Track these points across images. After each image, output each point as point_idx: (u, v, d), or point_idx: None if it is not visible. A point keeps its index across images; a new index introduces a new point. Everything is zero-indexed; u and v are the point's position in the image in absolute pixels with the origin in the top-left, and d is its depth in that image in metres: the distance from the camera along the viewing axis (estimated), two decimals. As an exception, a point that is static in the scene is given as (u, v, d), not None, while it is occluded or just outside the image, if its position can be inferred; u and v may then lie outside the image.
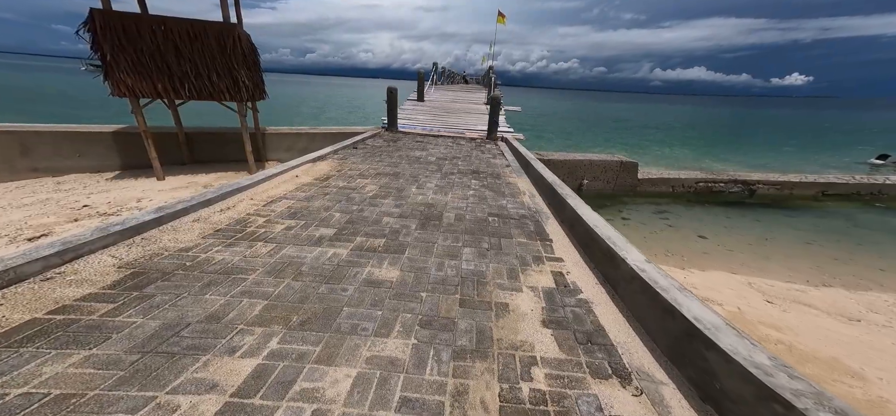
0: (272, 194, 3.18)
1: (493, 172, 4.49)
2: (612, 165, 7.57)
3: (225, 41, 5.33)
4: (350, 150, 5.28)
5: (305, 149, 6.40)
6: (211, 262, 2.09)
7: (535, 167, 4.24)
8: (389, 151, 5.47)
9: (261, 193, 3.18)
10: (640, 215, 6.67)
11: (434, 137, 7.18)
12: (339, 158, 4.75)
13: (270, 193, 3.21)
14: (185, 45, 5.19)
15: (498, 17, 20.44)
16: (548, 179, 3.60)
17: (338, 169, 4.19)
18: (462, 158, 5.30)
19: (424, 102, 12.31)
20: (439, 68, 19.10)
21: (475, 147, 6.36)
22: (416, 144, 6.16)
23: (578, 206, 2.80)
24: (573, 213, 2.78)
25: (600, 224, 2.38)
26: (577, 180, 7.75)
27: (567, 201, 2.94)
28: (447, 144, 6.46)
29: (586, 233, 2.46)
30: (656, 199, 7.72)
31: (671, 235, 5.46)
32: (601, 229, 2.31)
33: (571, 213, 2.82)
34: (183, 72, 5.25)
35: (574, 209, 2.77)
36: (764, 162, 15.55)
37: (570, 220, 2.85)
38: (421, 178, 4.06)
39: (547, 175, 3.79)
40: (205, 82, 5.36)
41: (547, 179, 3.60)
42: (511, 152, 6.05)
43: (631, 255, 1.94)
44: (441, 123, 8.62)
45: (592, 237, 2.36)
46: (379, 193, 3.45)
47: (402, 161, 4.79)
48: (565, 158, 7.58)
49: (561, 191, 3.21)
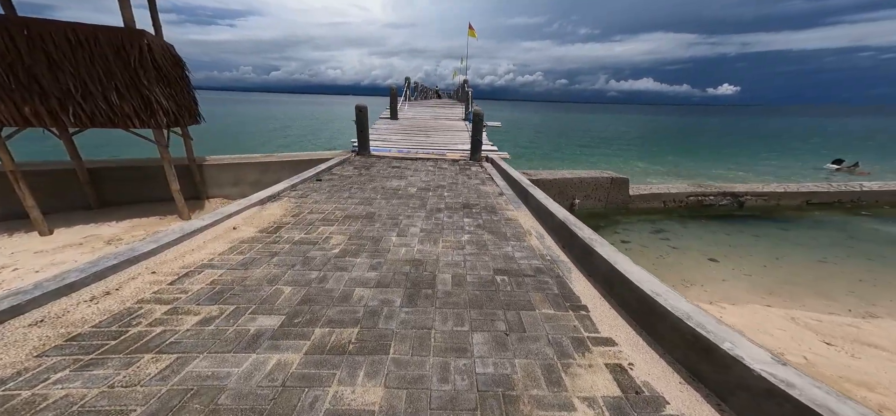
0: (189, 262, 2.30)
1: (487, 205, 3.85)
2: (602, 183, 7.25)
3: (127, 52, 4.19)
4: (312, 183, 4.44)
5: (257, 183, 5.45)
6: (36, 409, 1.23)
7: (536, 196, 3.65)
8: (361, 181, 4.69)
9: (171, 261, 2.28)
10: (639, 236, 6.31)
11: (412, 160, 6.49)
12: (297, 195, 3.91)
13: (187, 260, 2.33)
14: (64, 56, 3.99)
15: (469, 30, 20.49)
16: (558, 215, 3.00)
17: (294, 212, 3.35)
18: (447, 186, 4.64)
19: (398, 120, 11.65)
20: (412, 83, 18.63)
21: (459, 170, 5.74)
22: (393, 171, 5.43)
23: (613, 256, 2.19)
24: (608, 267, 2.17)
25: (662, 291, 1.77)
26: (568, 200, 7.35)
27: (595, 249, 2.32)
28: (428, 168, 5.79)
29: (640, 300, 1.84)
30: (649, 215, 7.47)
31: (679, 259, 5.08)
32: (667, 299, 1.69)
33: (605, 266, 2.21)
34: (63, 90, 4.05)
35: (609, 261, 2.16)
36: (729, 173, 16.28)
37: (604, 275, 2.23)
38: (402, 219, 3.32)
39: (554, 208, 3.19)
40: (99, 104, 4.14)
41: (557, 216, 2.99)
42: (500, 175, 5.48)
43: (743, 347, 1.32)
44: (419, 144, 7.97)
45: (652, 308, 1.74)
46: (348, 248, 2.67)
47: (377, 196, 4.03)
48: (555, 176, 7.16)
49: (580, 232, 2.60)
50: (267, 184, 5.48)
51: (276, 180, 5.45)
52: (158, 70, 4.25)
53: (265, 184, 5.46)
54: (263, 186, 5.44)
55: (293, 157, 5.84)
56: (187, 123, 4.83)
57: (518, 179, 4.55)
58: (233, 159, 5.74)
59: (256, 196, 3.44)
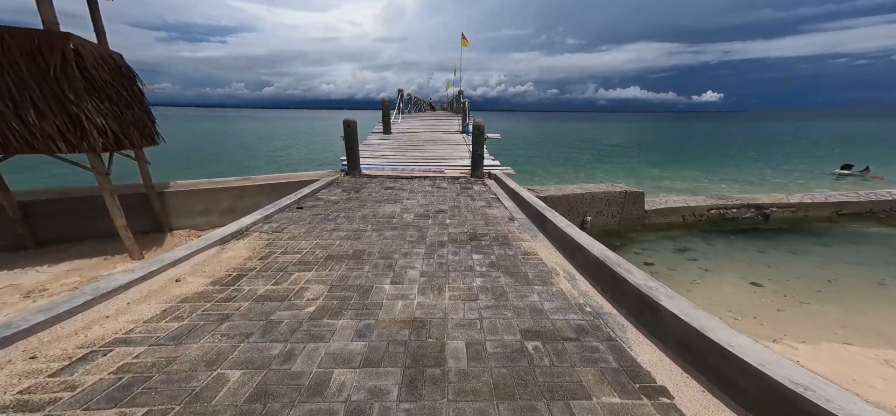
0: (95, 336, 1.68)
1: (498, 235, 3.29)
2: (615, 197, 6.77)
3: (46, 59, 3.46)
4: (291, 212, 3.86)
5: (230, 211, 4.86)
6: None
7: (556, 223, 3.10)
8: (349, 208, 4.12)
9: (68, 337, 1.66)
10: (663, 256, 5.79)
11: (408, 179, 5.95)
12: (270, 229, 3.32)
13: (92, 333, 1.71)
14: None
15: (462, 40, 20.41)
16: (591, 249, 2.45)
17: (263, 254, 2.76)
18: (449, 210, 4.09)
19: (392, 134, 11.19)
20: (405, 96, 18.31)
21: (460, 190, 5.20)
22: (386, 193, 4.88)
23: (691, 314, 1.64)
24: (684, 327, 1.61)
25: (802, 378, 1.21)
26: (579, 217, 6.84)
27: (661, 304, 1.77)
28: (425, 189, 5.24)
29: (753, 379, 1.28)
30: (667, 231, 6.98)
31: (716, 284, 4.55)
32: (813, 387, 1.14)
33: (678, 326, 1.65)
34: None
35: (687, 322, 1.60)
36: (732, 178, 16.03)
37: (678, 338, 1.67)
38: (397, 258, 2.75)
39: (585, 240, 2.64)
40: (11, 125, 3.37)
41: (590, 251, 2.44)
42: (506, 195, 4.96)
43: None
44: (414, 160, 7.46)
45: (779, 393, 1.18)
46: (328, 305, 2.09)
47: (368, 227, 3.46)
48: (563, 192, 6.67)
49: (631, 277, 2.05)
50: (242, 211, 4.88)
51: (253, 207, 4.87)
52: (91, 81, 3.61)
53: (240, 212, 4.86)
54: (238, 213, 4.84)
55: (273, 180, 5.26)
56: (141, 144, 4.19)
57: (530, 200, 4.02)
58: (201, 184, 5.02)
59: (216, 234, 2.84)
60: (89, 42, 3.78)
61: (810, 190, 9.00)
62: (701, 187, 13.61)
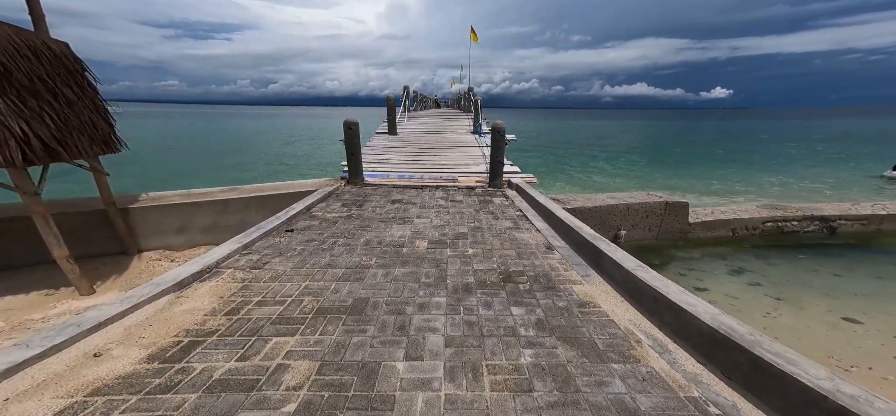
0: None
1: (537, 273, 2.63)
2: (654, 208, 6.06)
3: None
4: (278, 237, 3.25)
5: (210, 229, 4.27)
6: None
7: (620, 262, 2.44)
8: (350, 230, 3.49)
9: None
10: (716, 279, 5.07)
11: (417, 189, 5.32)
12: (248, 263, 2.70)
13: None
14: None
15: (471, 34, 19.74)
16: (697, 312, 1.78)
17: (233, 303, 2.14)
18: (469, 234, 3.44)
19: (398, 135, 10.57)
20: (411, 93, 17.70)
21: (479, 204, 4.55)
22: (393, 209, 4.25)
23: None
24: None
25: None
26: (612, 231, 6.14)
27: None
28: (438, 202, 4.60)
29: None
30: (714, 247, 6.24)
31: (798, 318, 3.83)
32: None
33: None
34: None
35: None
36: (763, 182, 15.12)
37: None
38: (411, 313, 2.11)
39: (678, 295, 1.97)
40: None
41: (699, 317, 1.77)
42: (535, 211, 4.29)
43: None
44: (424, 165, 6.84)
45: None
46: (315, 400, 1.46)
47: (372, 260, 2.82)
48: (593, 203, 5.98)
49: (793, 368, 1.38)
50: (225, 229, 4.30)
51: (238, 225, 4.29)
52: (5, 76, 2.98)
53: (223, 229, 4.28)
54: (221, 232, 4.27)
55: (262, 190, 4.66)
56: (92, 152, 3.56)
57: (570, 222, 3.35)
58: (175, 197, 4.33)
59: (171, 276, 2.21)
60: (4, 25, 3.12)
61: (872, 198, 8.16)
62: (728, 191, 12.76)
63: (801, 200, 10.47)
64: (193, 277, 2.35)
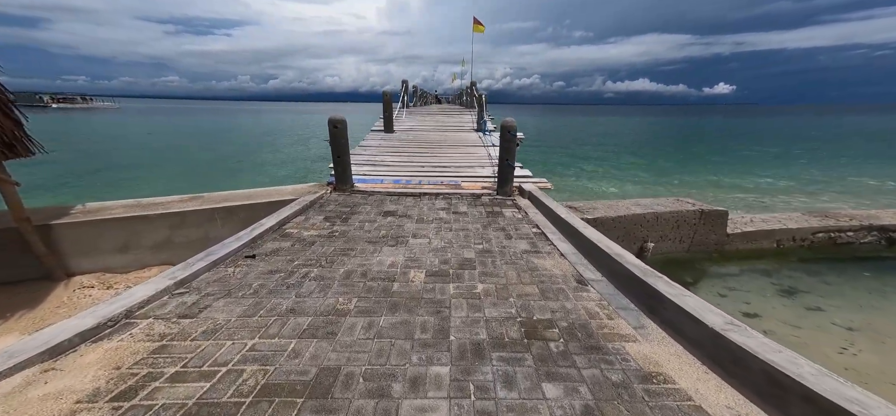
0: None
1: (571, 323, 2.02)
2: (687, 217, 5.43)
3: None
4: (233, 266, 2.64)
5: (164, 245, 3.64)
6: None
7: (692, 311, 1.82)
8: (327, 255, 2.88)
9: None
10: (767, 302, 4.44)
11: (415, 197, 4.70)
12: (180, 306, 2.09)
13: None
14: None
15: (474, 25, 19.09)
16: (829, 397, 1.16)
17: (137, 372, 1.53)
18: (477, 260, 2.82)
19: (394, 133, 9.96)
20: (411, 88, 17.07)
21: (487, 217, 3.94)
22: (386, 224, 3.63)
23: None
24: None
25: None
26: (637, 243, 5.52)
27: None
28: (438, 214, 3.99)
29: None
30: (754, 260, 5.60)
31: (878, 353, 3.21)
32: None
33: None
34: None
35: None
36: (788, 184, 14.45)
37: None
38: (398, 395, 1.49)
39: (805, 370, 1.36)
40: None
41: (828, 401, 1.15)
42: (553, 226, 3.67)
43: None
44: (423, 168, 6.23)
45: None
46: None
47: (351, 302, 2.21)
48: (617, 212, 5.35)
49: None
50: (181, 246, 3.70)
51: (200, 241, 3.69)
52: None
53: (177, 246, 3.68)
54: (175, 249, 3.67)
55: (230, 199, 4.03)
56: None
57: (614, 252, 2.72)
58: (119, 209, 3.58)
59: (46, 334, 1.59)
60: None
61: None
62: (763, 194, 12.08)
63: (839, 202, 9.81)
64: (91, 332, 1.74)
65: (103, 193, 10.45)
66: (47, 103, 63.25)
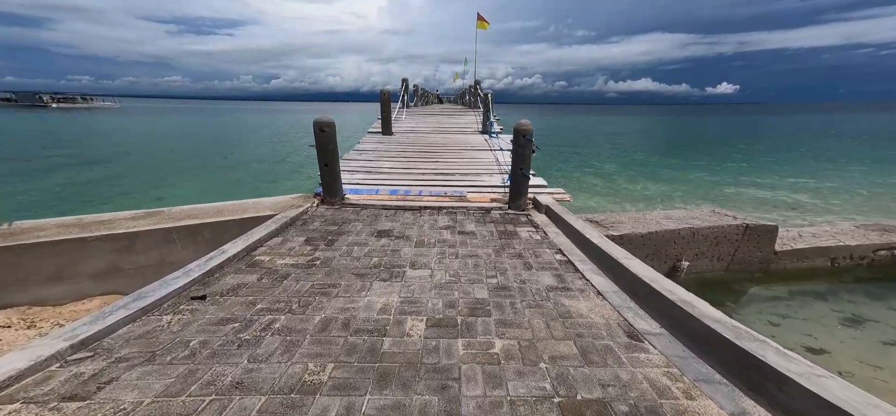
0: None
1: (634, 406, 1.46)
2: (729, 233, 4.86)
3: None
4: (171, 312, 2.11)
5: (109, 272, 3.07)
6: None
7: (826, 394, 1.28)
8: (303, 292, 2.35)
9: None
10: (828, 332, 3.87)
11: (415, 211, 4.17)
12: (73, 373, 1.55)
13: None
14: None
15: (478, 21, 18.66)
16: None
17: None
18: (493, 302, 2.28)
19: (393, 135, 9.47)
20: (411, 87, 16.60)
21: (501, 239, 3.39)
22: (379, 248, 3.10)
23: None
24: None
25: None
26: (669, 261, 4.96)
27: None
28: (442, 234, 3.45)
29: None
30: (805, 281, 5.03)
31: None
32: None
33: None
34: None
35: None
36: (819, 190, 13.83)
37: None
38: None
39: None
40: None
41: None
42: (582, 252, 3.13)
43: None
44: (423, 175, 5.70)
45: None
46: None
47: (326, 365, 1.67)
48: (646, 227, 4.79)
49: None
50: (131, 273, 3.18)
51: (153, 267, 3.17)
52: None
53: (127, 273, 3.14)
54: (124, 277, 3.14)
55: (195, 216, 3.48)
56: None
57: (680, 298, 2.17)
58: (52, 230, 3.01)
59: None
60: None
61: None
62: (799, 194, 11.46)
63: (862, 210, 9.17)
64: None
65: (103, 197, 9.99)
66: (48, 103, 63.78)
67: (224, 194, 10.98)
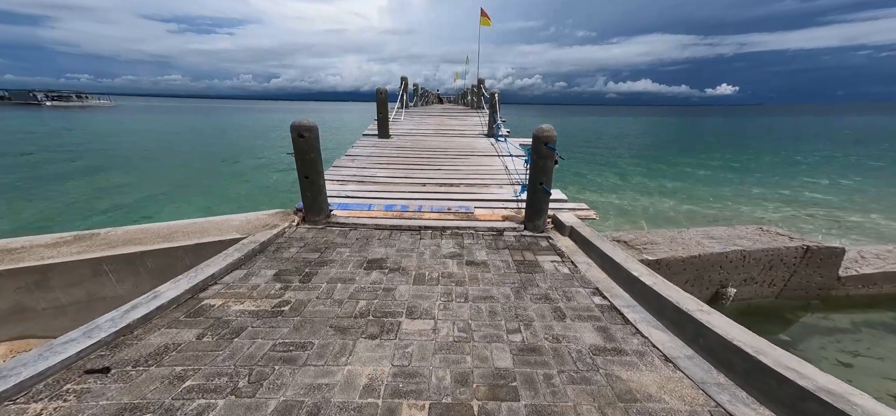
0: None
1: None
2: (786, 256, 4.27)
3: None
4: (59, 397, 1.54)
5: (15, 314, 2.44)
6: None
7: None
8: (258, 355, 1.77)
9: None
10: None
11: (413, 233, 3.59)
12: None
13: None
14: None
15: (481, 17, 18.23)
16: None
17: None
18: (519, 368, 1.70)
19: (391, 138, 8.93)
20: (411, 86, 16.08)
21: (521, 273, 2.81)
22: (367, 285, 2.52)
23: None
24: None
25: None
26: (712, 287, 4.37)
27: None
28: (446, 264, 2.87)
29: None
30: (870, 310, 4.44)
31: None
32: None
33: None
34: None
35: None
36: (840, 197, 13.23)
37: None
38: None
39: None
40: None
41: None
42: (627, 290, 2.55)
43: None
44: (423, 187, 5.13)
45: None
46: None
47: None
48: (686, 250, 4.20)
49: None
50: (45, 314, 2.60)
51: (80, 304, 2.60)
52: None
53: (40, 315, 2.57)
54: (37, 319, 2.56)
55: (136, 241, 2.83)
56: None
57: (798, 373, 1.60)
58: None
59: None
60: None
61: None
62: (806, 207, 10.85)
63: None
64: None
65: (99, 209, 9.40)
66: (41, 101, 63.40)
67: (200, 198, 10.32)
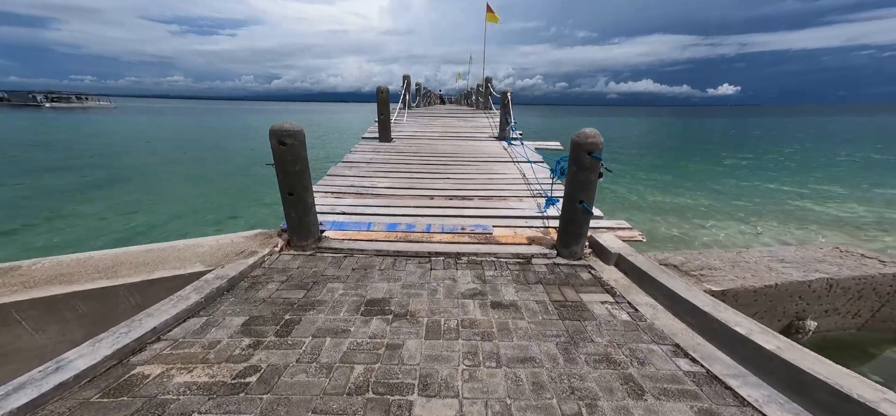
0: None
1: None
2: (878, 284, 3.62)
3: None
4: None
5: None
6: None
7: None
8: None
9: None
10: None
11: (421, 260, 2.99)
12: None
13: None
14: None
15: (487, 13, 17.71)
16: None
17: None
18: None
19: (393, 142, 8.36)
20: (414, 86, 15.54)
21: (563, 320, 2.20)
22: (364, 339, 1.93)
23: None
24: None
25: None
26: (785, 319, 3.72)
27: None
28: (466, 307, 2.27)
29: None
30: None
31: None
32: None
33: None
34: None
35: None
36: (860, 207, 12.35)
37: None
38: None
39: None
40: None
41: None
42: (719, 346, 1.93)
43: None
44: (431, 200, 4.54)
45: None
46: None
47: None
48: (758, 279, 3.55)
49: None
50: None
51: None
52: None
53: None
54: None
55: (59, 278, 2.27)
56: None
57: None
58: None
59: None
60: None
61: None
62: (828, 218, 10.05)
63: None
64: None
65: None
66: (40, 102, 63.93)
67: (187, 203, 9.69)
